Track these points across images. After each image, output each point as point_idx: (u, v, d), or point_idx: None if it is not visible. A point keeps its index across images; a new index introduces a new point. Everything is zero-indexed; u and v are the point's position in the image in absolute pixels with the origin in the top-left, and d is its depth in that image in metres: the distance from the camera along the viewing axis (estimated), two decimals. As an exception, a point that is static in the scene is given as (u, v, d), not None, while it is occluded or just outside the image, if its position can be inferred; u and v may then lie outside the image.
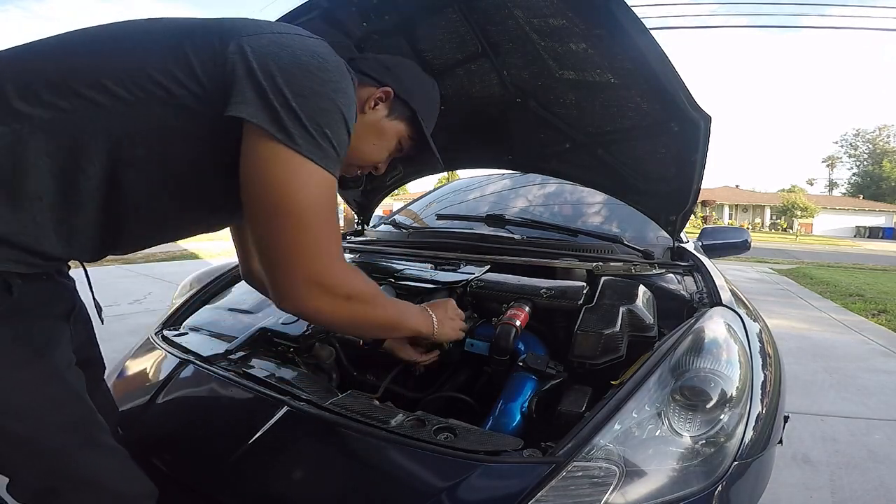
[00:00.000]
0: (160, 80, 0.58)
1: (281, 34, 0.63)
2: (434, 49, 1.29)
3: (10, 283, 0.59)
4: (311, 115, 0.58)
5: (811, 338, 3.81)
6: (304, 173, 0.59)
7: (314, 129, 0.59)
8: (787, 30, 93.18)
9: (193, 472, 0.83)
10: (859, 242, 26.87)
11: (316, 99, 0.59)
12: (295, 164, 0.58)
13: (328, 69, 0.61)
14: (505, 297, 1.15)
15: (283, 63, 0.59)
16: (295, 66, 0.59)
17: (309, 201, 0.60)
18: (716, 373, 0.82)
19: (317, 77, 0.60)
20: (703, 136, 1.12)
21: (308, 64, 0.60)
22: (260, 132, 0.57)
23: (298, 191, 0.59)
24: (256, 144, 0.58)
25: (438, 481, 0.70)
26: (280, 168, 0.58)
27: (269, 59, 0.59)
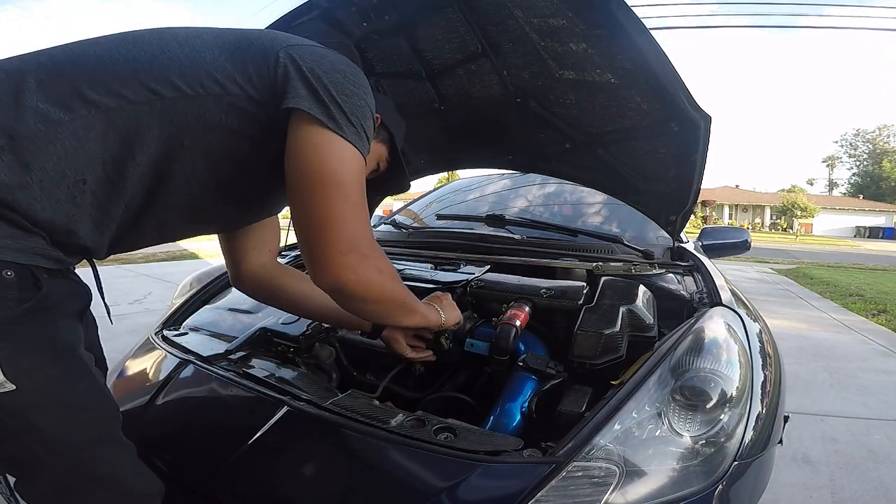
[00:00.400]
0: (219, 79, 0.66)
1: (315, 46, 0.74)
2: (434, 49, 1.29)
3: (38, 278, 0.60)
4: (352, 110, 0.69)
5: (811, 338, 3.81)
6: (348, 154, 0.68)
7: (354, 121, 0.69)
8: (787, 30, 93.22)
9: (193, 472, 0.83)
10: (859, 242, 26.86)
11: (354, 98, 0.70)
12: (341, 146, 0.68)
13: (359, 76, 0.73)
14: (505, 297, 1.15)
15: (327, 68, 0.70)
16: (335, 71, 0.70)
17: (350, 177, 0.69)
18: (716, 373, 0.82)
19: (353, 81, 0.71)
20: (703, 136, 1.12)
21: (345, 70, 0.71)
22: (312, 121, 0.67)
23: (343, 167, 0.68)
24: (309, 130, 0.67)
25: (438, 481, 0.70)
26: (329, 149, 0.67)
27: (314, 63, 0.69)
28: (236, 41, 0.70)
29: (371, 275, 0.71)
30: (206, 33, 0.70)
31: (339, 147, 0.67)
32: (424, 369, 1.15)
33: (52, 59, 0.64)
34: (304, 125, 0.67)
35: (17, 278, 0.58)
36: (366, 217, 0.71)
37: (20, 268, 0.59)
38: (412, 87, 1.45)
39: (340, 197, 0.67)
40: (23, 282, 0.59)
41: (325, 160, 0.67)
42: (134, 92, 0.63)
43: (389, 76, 1.43)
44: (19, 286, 0.58)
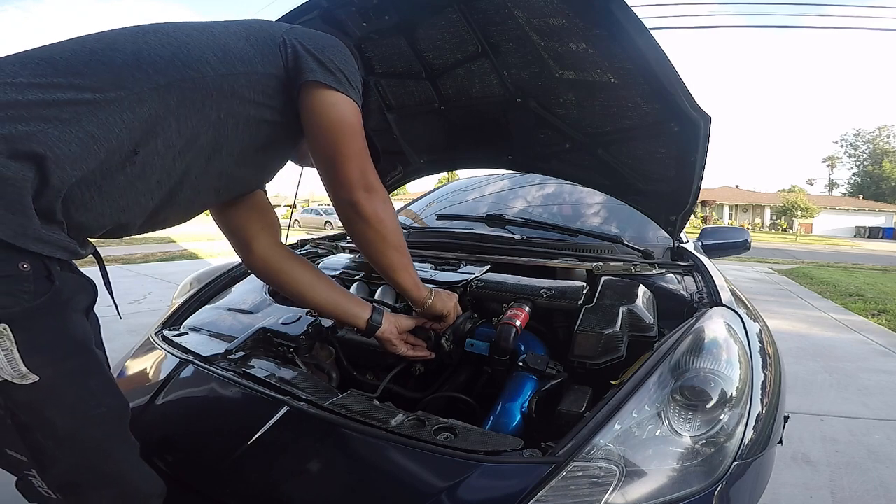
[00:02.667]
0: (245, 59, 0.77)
1: (304, 28, 0.85)
2: (434, 49, 1.29)
3: (51, 271, 0.60)
4: (351, 75, 0.83)
5: (811, 338, 3.81)
6: (354, 109, 0.83)
7: (354, 83, 0.83)
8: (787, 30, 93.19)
9: (193, 472, 0.83)
10: (859, 242, 26.86)
11: (349, 66, 0.84)
12: (350, 104, 0.82)
13: (347, 52, 0.86)
14: (505, 297, 1.15)
15: (323, 45, 0.82)
16: (329, 47, 0.83)
17: (359, 125, 0.84)
18: (716, 373, 0.82)
19: (343, 52, 0.85)
20: (703, 136, 1.12)
21: (335, 45, 0.84)
22: (327, 88, 0.80)
23: (354, 118, 0.83)
24: (327, 94, 0.80)
25: (438, 481, 0.70)
26: (344, 107, 0.82)
27: (313, 43, 0.81)
28: (246, 29, 0.80)
29: (377, 201, 0.85)
30: (214, 25, 0.79)
31: (349, 104, 0.82)
32: (424, 369, 1.15)
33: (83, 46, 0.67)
34: (323, 91, 0.80)
35: (33, 270, 0.58)
36: (368, 153, 0.85)
37: (35, 260, 0.58)
38: (412, 87, 1.45)
39: (354, 136, 0.82)
40: (38, 275, 0.58)
41: (342, 114, 0.81)
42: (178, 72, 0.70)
43: (389, 76, 1.43)
44: (34, 278, 0.58)
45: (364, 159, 0.84)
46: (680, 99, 1.06)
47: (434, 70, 1.36)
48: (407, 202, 2.49)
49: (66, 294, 0.62)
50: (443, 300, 1.06)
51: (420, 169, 1.84)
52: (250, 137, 0.81)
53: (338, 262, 1.44)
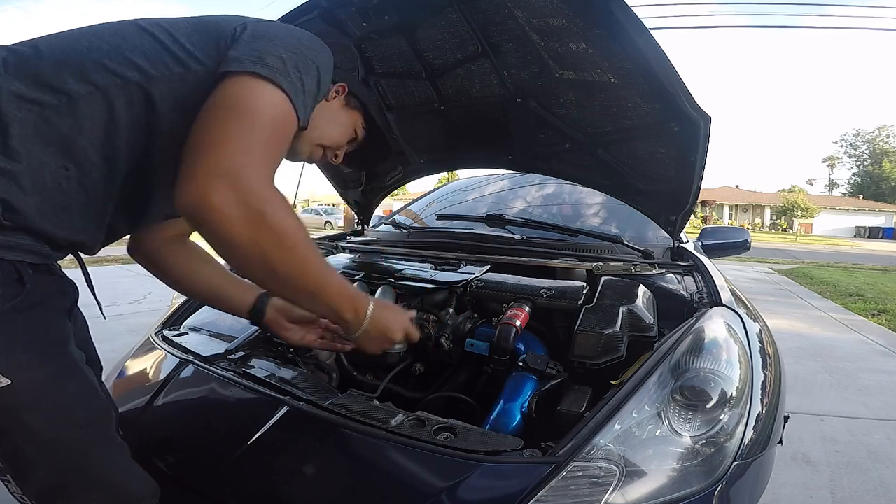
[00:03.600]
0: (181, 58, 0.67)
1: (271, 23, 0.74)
2: (434, 49, 1.29)
3: (21, 274, 0.59)
4: (295, 63, 0.66)
5: (811, 338, 3.81)
6: (276, 97, 0.63)
7: (293, 72, 0.65)
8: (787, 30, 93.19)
9: (193, 472, 0.83)
10: (859, 242, 26.86)
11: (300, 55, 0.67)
12: (270, 88, 0.63)
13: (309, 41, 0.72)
14: (505, 297, 1.15)
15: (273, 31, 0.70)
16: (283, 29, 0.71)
17: (266, 114, 0.62)
18: (716, 373, 0.82)
19: (301, 43, 0.70)
20: (703, 136, 1.12)
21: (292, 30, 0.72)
22: (245, 73, 0.63)
23: (261, 102, 0.62)
24: (239, 77, 0.63)
25: (438, 481, 0.70)
26: (253, 87, 0.62)
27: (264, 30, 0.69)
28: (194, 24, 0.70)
29: (240, 214, 0.57)
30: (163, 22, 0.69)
31: (266, 88, 0.62)
32: (424, 369, 1.15)
33: (20, 53, 0.62)
34: (238, 77, 0.63)
35: (1, 275, 0.57)
36: (269, 162, 0.62)
37: (2, 263, 0.57)
38: (412, 87, 1.45)
39: (243, 124, 0.59)
40: (6, 278, 0.57)
41: (242, 93, 0.61)
42: (101, 77, 0.62)
43: (389, 76, 1.43)
44: (3, 283, 0.57)
45: (249, 156, 0.59)
46: (680, 99, 1.06)
47: (434, 70, 1.36)
48: (407, 202, 2.49)
49: (40, 296, 0.61)
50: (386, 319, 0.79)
51: (420, 169, 1.84)
52: None
53: (338, 262, 1.44)
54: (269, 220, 0.59)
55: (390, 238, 1.82)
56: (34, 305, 0.60)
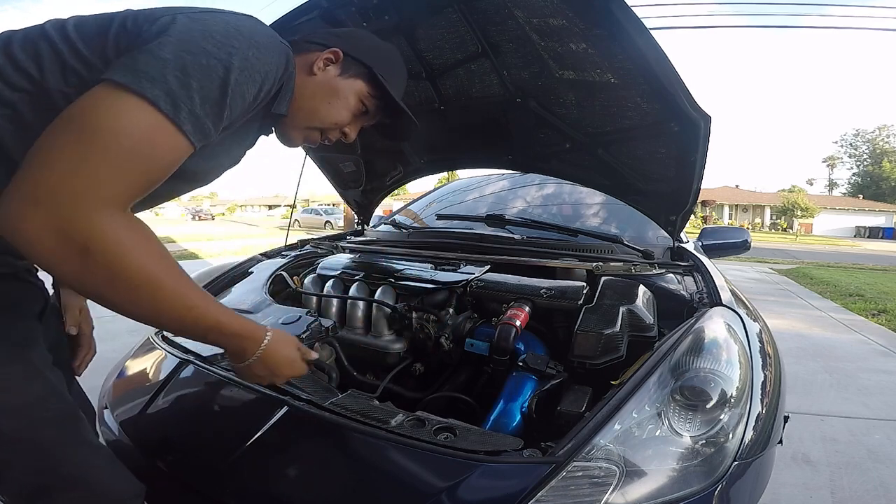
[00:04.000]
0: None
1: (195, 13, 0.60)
2: (434, 49, 1.29)
3: None
4: (180, 65, 0.54)
5: (811, 338, 3.81)
6: (125, 103, 0.51)
7: (173, 73, 0.53)
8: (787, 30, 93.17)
9: (194, 472, 0.83)
10: (859, 242, 26.84)
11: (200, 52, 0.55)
12: (116, 93, 0.52)
13: (223, 35, 0.57)
14: (505, 297, 1.15)
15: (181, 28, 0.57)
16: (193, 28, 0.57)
17: (111, 126, 0.50)
18: (716, 373, 0.82)
19: (211, 38, 0.56)
20: (703, 136, 1.12)
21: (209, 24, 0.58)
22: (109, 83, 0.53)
23: (106, 113, 0.51)
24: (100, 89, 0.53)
25: (438, 481, 0.70)
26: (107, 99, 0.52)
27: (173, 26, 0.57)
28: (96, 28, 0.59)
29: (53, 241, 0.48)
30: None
31: (123, 98, 0.51)
32: (424, 369, 1.15)
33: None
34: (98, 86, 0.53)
35: None
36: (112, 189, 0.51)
37: None
38: (412, 87, 1.45)
39: (81, 141, 0.49)
40: None
41: (90, 105, 0.51)
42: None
43: (389, 76, 1.43)
44: None
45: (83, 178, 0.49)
46: (680, 99, 1.06)
47: (434, 70, 1.36)
48: (407, 202, 2.49)
49: (5, 303, 0.63)
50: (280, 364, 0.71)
51: (420, 169, 1.84)
52: None
53: (338, 263, 1.44)
54: (94, 257, 0.50)
55: (390, 238, 1.82)
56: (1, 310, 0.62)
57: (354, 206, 2.07)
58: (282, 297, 1.39)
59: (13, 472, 0.63)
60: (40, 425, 0.64)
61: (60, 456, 0.65)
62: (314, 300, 1.34)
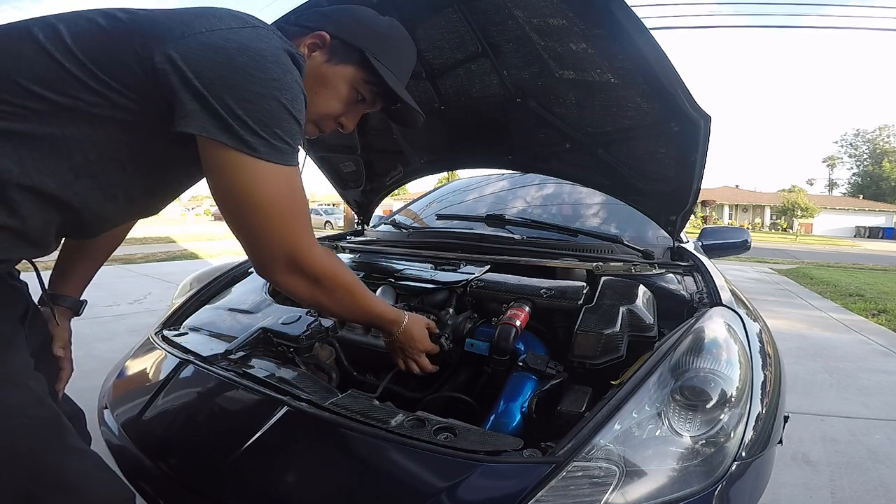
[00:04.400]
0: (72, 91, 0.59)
1: (211, 32, 0.60)
2: (434, 49, 1.29)
3: None
4: (258, 118, 0.59)
5: (811, 337, 3.81)
6: (263, 174, 0.62)
7: (265, 132, 0.60)
8: (787, 30, 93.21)
9: (193, 472, 0.83)
10: (859, 242, 26.85)
11: (260, 102, 0.59)
12: (255, 168, 0.61)
13: (266, 66, 0.60)
14: (505, 297, 1.15)
15: (220, 69, 0.58)
16: (232, 71, 0.58)
17: (271, 198, 0.63)
18: (716, 373, 0.82)
19: (256, 78, 0.59)
20: (703, 136, 1.12)
21: (245, 66, 0.58)
22: (215, 144, 0.59)
23: (256, 190, 0.62)
24: (215, 156, 0.60)
25: (438, 481, 0.70)
26: (238, 173, 0.61)
27: (203, 66, 0.57)
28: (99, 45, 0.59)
29: (298, 284, 0.72)
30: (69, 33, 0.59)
31: (250, 170, 0.60)
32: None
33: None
34: (210, 148, 0.60)
35: None
36: (295, 230, 0.67)
37: None
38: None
39: (260, 218, 0.64)
40: None
41: (237, 185, 0.61)
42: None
43: (389, 76, 1.43)
44: None
45: (283, 235, 0.66)
46: (680, 99, 1.06)
47: (434, 70, 1.36)
48: (407, 202, 2.49)
49: None
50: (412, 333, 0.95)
51: (420, 169, 1.84)
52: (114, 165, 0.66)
53: (338, 262, 1.44)
54: (322, 283, 0.74)
55: (390, 238, 1.82)
56: None
57: (354, 206, 2.07)
58: (282, 297, 1.39)
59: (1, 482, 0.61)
60: (20, 433, 0.62)
61: (42, 464, 0.63)
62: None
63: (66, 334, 0.91)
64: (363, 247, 1.68)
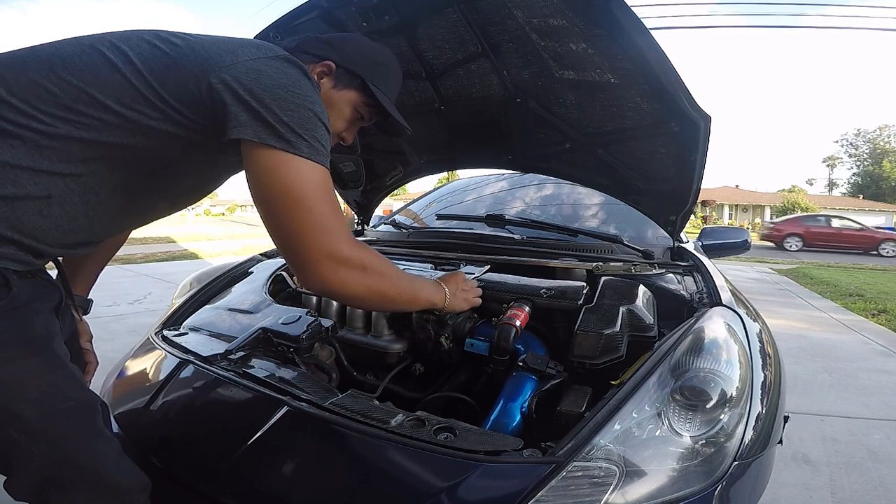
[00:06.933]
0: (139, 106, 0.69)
1: (255, 60, 0.71)
2: (434, 49, 1.29)
3: (7, 279, 0.64)
4: (300, 124, 0.69)
5: (811, 337, 3.81)
6: (306, 170, 0.70)
7: (306, 135, 0.70)
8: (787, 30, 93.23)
9: (193, 472, 0.83)
10: (859, 242, 26.78)
11: (300, 111, 0.70)
12: (297, 164, 0.69)
13: (300, 85, 0.72)
14: (505, 297, 1.15)
15: (267, 85, 0.69)
16: (277, 87, 0.69)
17: (311, 191, 0.70)
18: (716, 373, 0.82)
19: (295, 93, 0.70)
20: (703, 136, 1.12)
21: (286, 85, 0.70)
22: (263, 147, 0.68)
23: (302, 184, 0.69)
24: (260, 155, 0.69)
25: (438, 481, 0.70)
26: (286, 170, 0.69)
27: (253, 84, 0.68)
28: (164, 67, 0.69)
29: (354, 277, 0.76)
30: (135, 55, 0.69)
31: (295, 166, 0.69)
32: (424, 369, 1.15)
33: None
34: (257, 151, 0.68)
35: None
36: (335, 223, 0.72)
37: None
38: (412, 87, 1.45)
39: (304, 211, 0.70)
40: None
41: (282, 181, 0.69)
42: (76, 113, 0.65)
43: (389, 76, 1.43)
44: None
45: (325, 235, 0.71)
46: (680, 99, 1.06)
47: (434, 70, 1.36)
48: (407, 202, 2.49)
49: (25, 298, 0.67)
50: (457, 297, 1.02)
51: (420, 169, 1.84)
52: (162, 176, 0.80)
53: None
54: (371, 270, 0.78)
55: (390, 238, 1.82)
56: (19, 307, 0.66)
57: (354, 206, 2.07)
58: (282, 297, 1.39)
59: (33, 464, 0.65)
60: (61, 416, 0.66)
61: (78, 447, 0.67)
62: (314, 300, 1.34)
63: (89, 329, 0.99)
64: (363, 247, 1.68)
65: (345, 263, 0.74)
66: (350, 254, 0.74)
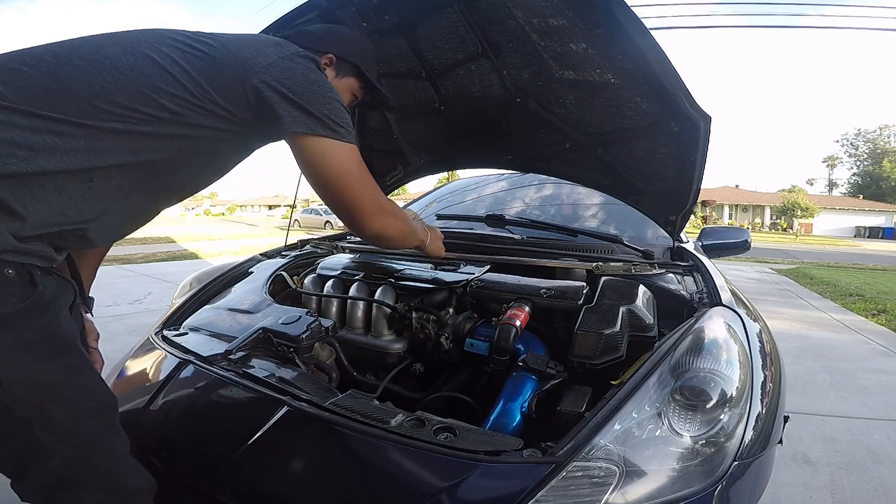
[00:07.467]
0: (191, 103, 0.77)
1: (283, 58, 0.81)
2: (434, 49, 1.29)
3: (33, 276, 0.65)
4: (336, 114, 0.82)
5: (811, 337, 3.81)
6: (349, 151, 0.84)
7: (342, 123, 0.82)
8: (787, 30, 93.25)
9: (193, 472, 0.83)
10: (859, 242, 26.84)
11: (332, 103, 0.82)
12: (343, 148, 0.83)
13: (323, 79, 0.84)
14: (505, 297, 1.15)
15: (301, 83, 0.80)
16: (309, 84, 0.80)
17: (357, 166, 0.85)
18: (716, 373, 0.82)
19: (323, 87, 0.82)
20: (703, 136, 1.12)
21: (316, 80, 0.82)
22: (316, 137, 0.80)
23: (350, 163, 0.84)
24: (316, 145, 0.81)
25: (438, 481, 0.70)
26: (337, 154, 0.82)
27: (291, 83, 0.78)
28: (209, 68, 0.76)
29: (394, 223, 0.95)
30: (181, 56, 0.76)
31: (342, 149, 0.82)
32: (424, 369, 1.15)
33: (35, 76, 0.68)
34: (309, 140, 0.80)
35: (18, 276, 0.63)
36: (375, 186, 0.89)
37: (19, 266, 0.63)
38: (412, 87, 1.45)
39: (356, 183, 0.85)
40: (22, 280, 0.63)
41: (336, 163, 0.83)
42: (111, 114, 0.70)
43: (389, 76, 1.43)
44: (20, 283, 0.63)
45: (372, 196, 0.88)
46: (680, 99, 1.06)
47: (434, 70, 1.36)
48: (407, 202, 2.49)
49: (49, 295, 0.67)
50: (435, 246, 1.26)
51: (420, 169, 1.84)
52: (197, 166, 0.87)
53: (338, 263, 1.44)
54: (399, 216, 0.98)
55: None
56: (45, 304, 0.66)
57: (354, 206, 2.07)
58: (282, 297, 1.39)
59: (52, 464, 0.65)
60: (86, 415, 0.67)
61: (98, 447, 0.68)
62: (314, 300, 1.34)
63: (95, 328, 1.00)
64: (363, 247, 1.68)
65: (387, 213, 0.92)
66: (387, 206, 0.94)
